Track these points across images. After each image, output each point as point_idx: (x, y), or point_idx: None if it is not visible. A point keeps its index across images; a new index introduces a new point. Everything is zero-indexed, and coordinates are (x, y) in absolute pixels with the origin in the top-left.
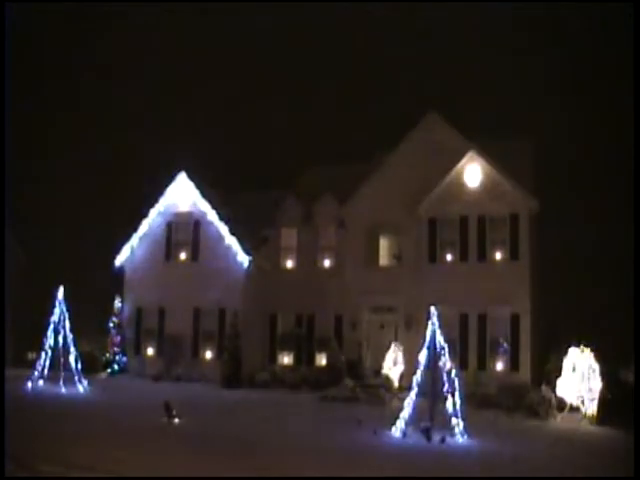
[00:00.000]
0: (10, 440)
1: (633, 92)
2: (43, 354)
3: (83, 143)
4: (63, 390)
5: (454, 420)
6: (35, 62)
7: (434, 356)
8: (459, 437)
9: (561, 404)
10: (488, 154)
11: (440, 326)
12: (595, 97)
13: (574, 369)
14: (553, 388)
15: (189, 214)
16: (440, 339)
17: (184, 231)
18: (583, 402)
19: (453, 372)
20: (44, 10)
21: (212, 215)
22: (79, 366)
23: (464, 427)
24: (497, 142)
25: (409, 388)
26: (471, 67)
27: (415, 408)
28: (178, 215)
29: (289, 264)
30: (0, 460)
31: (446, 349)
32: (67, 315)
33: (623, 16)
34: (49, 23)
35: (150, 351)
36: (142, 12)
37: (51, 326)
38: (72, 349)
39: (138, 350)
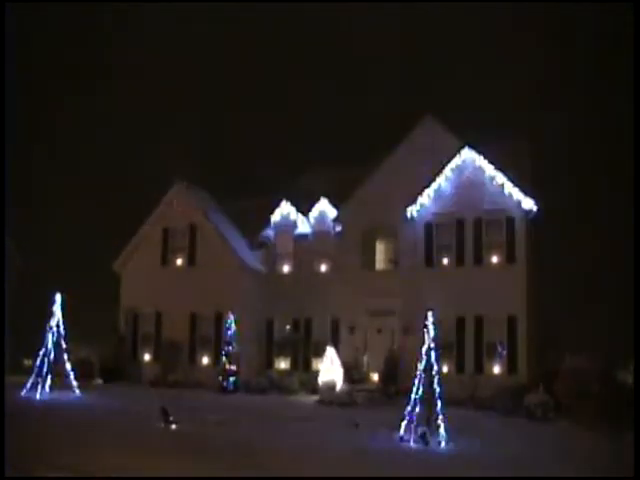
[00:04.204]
0: (9, 446)
1: (633, 92)
2: (40, 360)
3: (82, 147)
4: (60, 396)
5: (450, 423)
6: (35, 63)
7: (431, 360)
8: (456, 441)
9: (558, 406)
10: (485, 156)
11: (437, 330)
12: (594, 97)
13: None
14: (550, 390)
15: (186, 219)
16: (437, 343)
17: (181, 236)
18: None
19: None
20: (42, 9)
21: (208, 220)
22: (76, 372)
23: (461, 430)
24: (494, 144)
25: (406, 392)
26: (470, 67)
27: (412, 412)
28: (175, 220)
29: (285, 269)
30: (0, 460)
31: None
32: (64, 321)
33: (623, 16)
34: (47, 23)
35: (147, 357)
36: (138, 14)
37: (48, 332)
38: (69, 355)
39: (135, 356)
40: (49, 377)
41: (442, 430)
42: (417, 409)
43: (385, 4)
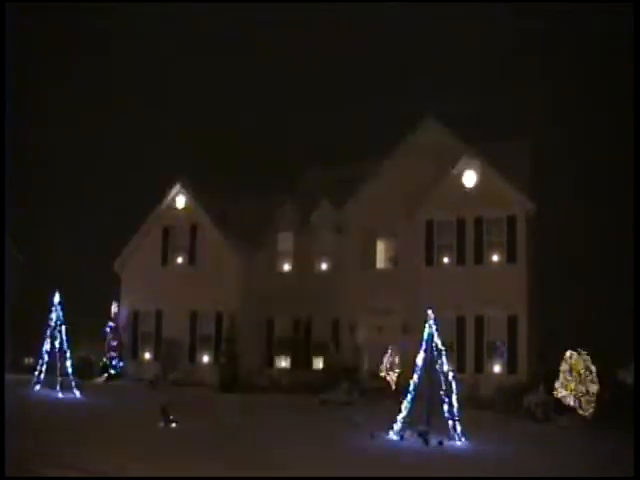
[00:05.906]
0: (8, 444)
1: (633, 92)
2: (40, 359)
3: (81, 146)
4: (60, 395)
5: (451, 423)
6: (33, 63)
7: (431, 359)
8: (457, 440)
9: (559, 406)
10: (485, 156)
11: (437, 329)
12: (595, 97)
13: (571, 371)
14: (550, 390)
15: (186, 218)
16: (437, 342)
17: (181, 235)
18: (581, 404)
19: (450, 375)
20: (41, 8)
21: (209, 219)
22: (75, 371)
23: (462, 430)
24: (494, 144)
25: (406, 391)
26: (470, 67)
27: (412, 411)
28: (175, 219)
29: (286, 268)
30: (0, 460)
31: (443, 352)
32: (63, 319)
33: (623, 16)
34: (45, 21)
35: (147, 355)
36: (139, 12)
37: (48, 330)
38: (68, 354)
39: (135, 354)
40: (51, 376)
41: (441, 430)
42: (417, 408)
43: (385, 4)
